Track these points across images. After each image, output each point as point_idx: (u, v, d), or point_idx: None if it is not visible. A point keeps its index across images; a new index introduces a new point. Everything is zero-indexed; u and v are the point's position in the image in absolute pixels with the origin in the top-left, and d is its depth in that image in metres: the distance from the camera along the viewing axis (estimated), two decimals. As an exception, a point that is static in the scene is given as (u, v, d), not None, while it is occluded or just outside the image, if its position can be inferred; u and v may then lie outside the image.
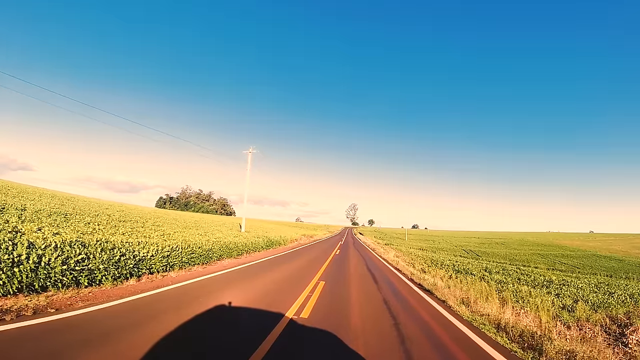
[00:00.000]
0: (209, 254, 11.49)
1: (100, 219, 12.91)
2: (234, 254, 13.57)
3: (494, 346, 4.95)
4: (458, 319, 6.47)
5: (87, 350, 3.65)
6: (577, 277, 25.15)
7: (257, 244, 17.09)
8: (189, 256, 10.15)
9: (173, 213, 51.35)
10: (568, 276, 25.46)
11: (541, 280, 18.80)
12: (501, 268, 26.07)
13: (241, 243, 15.12)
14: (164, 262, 8.79)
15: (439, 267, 22.84)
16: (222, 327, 4.98)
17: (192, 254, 10.38)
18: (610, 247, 75.85)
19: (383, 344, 4.67)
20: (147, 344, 3.94)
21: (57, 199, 20.54)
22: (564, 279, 20.38)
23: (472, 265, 25.04)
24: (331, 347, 4.41)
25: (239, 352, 3.95)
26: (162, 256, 8.76)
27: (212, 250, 11.80)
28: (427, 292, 9.28)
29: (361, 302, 7.35)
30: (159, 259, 8.57)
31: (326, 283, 9.17)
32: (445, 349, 4.69)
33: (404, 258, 21.51)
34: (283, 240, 24.68)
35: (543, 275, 23.62)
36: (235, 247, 13.96)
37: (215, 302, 6.26)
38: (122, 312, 5.23)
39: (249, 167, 30.23)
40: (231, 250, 13.40)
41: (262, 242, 18.46)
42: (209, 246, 11.70)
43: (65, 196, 28.28)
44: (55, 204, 16.17)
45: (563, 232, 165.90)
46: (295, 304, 6.58)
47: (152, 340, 4.05)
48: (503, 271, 23.16)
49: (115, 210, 21.24)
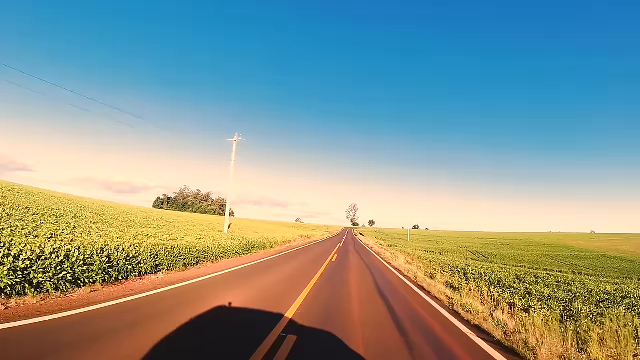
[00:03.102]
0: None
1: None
2: (179, 265, 9.20)
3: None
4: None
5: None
6: (623, 283, 21.09)
7: (227, 249, 12.77)
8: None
9: (158, 212, 47.06)
10: (608, 283, 21.36)
11: (597, 291, 14.60)
12: (530, 274, 21.89)
13: (201, 248, 10.78)
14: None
15: (458, 273, 18.63)
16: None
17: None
18: (617, 247, 73.63)
19: None
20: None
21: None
22: (619, 288, 16.27)
23: (497, 272, 20.89)
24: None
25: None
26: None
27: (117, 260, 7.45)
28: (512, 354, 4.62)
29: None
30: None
31: (298, 339, 4.47)
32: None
33: (417, 264, 17.27)
34: (270, 242, 20.37)
35: (582, 282, 19.55)
36: (187, 254, 9.61)
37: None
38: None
39: (233, 158, 25.99)
40: (175, 258, 9.03)
41: (237, 245, 14.17)
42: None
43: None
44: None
45: (564, 232, 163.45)
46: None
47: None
48: (537, 279, 19.01)
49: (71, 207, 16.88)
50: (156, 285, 7.05)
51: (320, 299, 7.33)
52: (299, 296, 7.28)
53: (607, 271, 38.62)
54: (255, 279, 9.13)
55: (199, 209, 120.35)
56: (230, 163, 25.77)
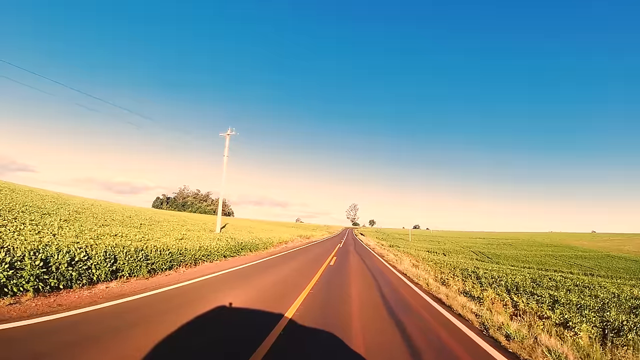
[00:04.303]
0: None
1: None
2: (142, 271, 7.66)
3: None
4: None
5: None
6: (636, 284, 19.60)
7: (210, 251, 11.23)
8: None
9: (150, 211, 45.57)
10: (626, 285, 19.84)
11: (625, 296, 13.09)
12: (545, 277, 20.37)
13: (181, 251, 9.28)
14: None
15: (470, 277, 17.12)
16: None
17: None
18: (620, 247, 72.53)
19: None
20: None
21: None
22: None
23: (510, 274, 19.39)
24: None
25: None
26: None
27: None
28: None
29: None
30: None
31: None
32: None
33: (424, 267, 15.75)
34: (263, 243, 18.86)
35: (600, 284, 18.07)
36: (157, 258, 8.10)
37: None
38: None
39: (226, 153, 24.52)
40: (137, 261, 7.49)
41: (223, 246, 12.67)
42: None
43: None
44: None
45: (565, 232, 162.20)
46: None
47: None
48: (556, 283, 17.48)
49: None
50: (95, 300, 5.54)
51: (312, 316, 5.80)
52: (287, 311, 5.77)
53: (616, 272, 37.27)
54: (221, 294, 6.84)
55: (198, 209, 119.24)
56: (223, 159, 24.32)
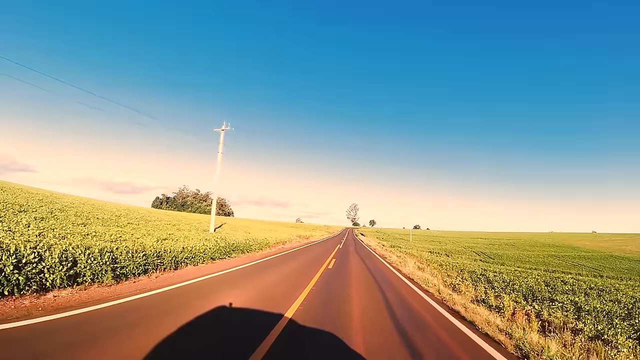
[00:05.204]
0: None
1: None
2: (107, 277, 6.47)
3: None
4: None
5: None
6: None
7: (196, 252, 10.13)
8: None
9: (144, 210, 44.56)
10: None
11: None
12: (557, 280, 19.29)
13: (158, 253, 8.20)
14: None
15: (479, 280, 16.06)
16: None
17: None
18: (622, 247, 71.90)
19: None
20: None
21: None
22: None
23: (519, 277, 18.34)
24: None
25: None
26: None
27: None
28: None
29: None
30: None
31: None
32: None
33: (431, 271, 14.65)
34: (258, 244, 17.80)
35: (615, 287, 16.99)
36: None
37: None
38: None
39: (220, 149, 23.44)
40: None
41: (212, 247, 11.58)
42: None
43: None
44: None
45: (566, 232, 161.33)
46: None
47: None
48: (571, 287, 16.43)
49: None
50: (31, 312, 4.44)
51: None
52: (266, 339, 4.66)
53: (622, 273, 36.28)
54: (190, 307, 5.51)
55: (197, 209, 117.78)
56: (218, 155, 23.23)
